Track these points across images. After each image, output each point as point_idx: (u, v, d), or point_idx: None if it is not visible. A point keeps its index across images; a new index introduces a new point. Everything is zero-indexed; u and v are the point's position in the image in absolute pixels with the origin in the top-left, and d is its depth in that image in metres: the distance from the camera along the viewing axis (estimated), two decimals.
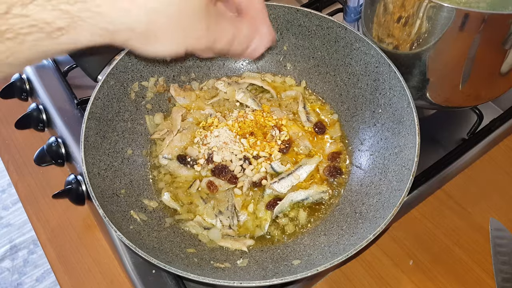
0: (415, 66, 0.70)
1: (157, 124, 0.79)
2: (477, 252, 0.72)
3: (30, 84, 0.89)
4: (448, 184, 0.79)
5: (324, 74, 0.82)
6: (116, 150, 0.72)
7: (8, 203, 1.93)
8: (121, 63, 0.74)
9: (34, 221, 0.78)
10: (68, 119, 0.83)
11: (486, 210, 0.76)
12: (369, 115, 0.76)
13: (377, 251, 0.73)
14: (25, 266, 1.77)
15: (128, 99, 0.76)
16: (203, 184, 0.73)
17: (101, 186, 0.65)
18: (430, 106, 0.79)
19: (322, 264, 0.57)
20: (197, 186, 0.73)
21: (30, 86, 0.89)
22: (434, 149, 0.80)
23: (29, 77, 0.89)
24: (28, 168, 0.84)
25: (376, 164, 0.72)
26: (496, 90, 0.74)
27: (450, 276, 0.70)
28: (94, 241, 0.75)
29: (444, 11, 0.60)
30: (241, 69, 0.86)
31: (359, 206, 0.69)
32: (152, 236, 0.65)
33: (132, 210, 0.67)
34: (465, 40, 0.63)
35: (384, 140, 0.73)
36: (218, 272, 0.62)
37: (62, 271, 0.73)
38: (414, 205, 0.76)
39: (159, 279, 0.68)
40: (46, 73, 0.89)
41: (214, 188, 0.73)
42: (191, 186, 0.73)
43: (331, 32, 0.77)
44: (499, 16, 0.59)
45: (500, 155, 0.82)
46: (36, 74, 0.89)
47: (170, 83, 0.81)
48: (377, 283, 0.70)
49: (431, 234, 0.74)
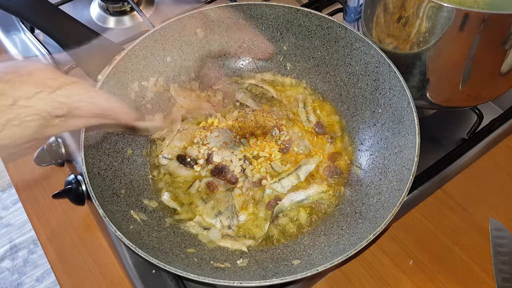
0: (415, 66, 0.70)
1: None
2: (477, 252, 0.72)
3: None
4: (448, 184, 0.79)
5: (324, 74, 0.82)
6: (116, 150, 0.72)
7: (8, 203, 1.93)
8: (121, 63, 0.74)
9: (34, 221, 0.78)
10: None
11: (486, 210, 0.76)
12: (369, 115, 0.76)
13: (377, 251, 0.73)
14: (25, 266, 1.77)
15: (128, 99, 0.76)
16: (203, 184, 0.73)
17: (101, 186, 0.65)
18: (430, 106, 0.79)
19: (322, 264, 0.57)
20: (196, 187, 0.73)
21: None
22: (434, 149, 0.80)
23: None
24: (28, 168, 0.84)
25: (376, 164, 0.72)
26: (496, 90, 0.74)
27: (450, 276, 0.70)
28: (94, 241, 0.75)
29: (444, 11, 0.60)
30: (241, 69, 0.85)
31: (359, 206, 0.69)
32: (152, 236, 0.65)
33: (132, 210, 0.67)
34: (465, 40, 0.63)
35: (384, 140, 0.73)
36: (218, 272, 0.62)
37: (62, 271, 0.73)
38: (414, 205, 0.76)
39: (159, 279, 0.68)
40: None
41: (214, 188, 0.73)
42: (191, 186, 0.73)
43: (331, 32, 0.77)
44: (499, 16, 0.59)
45: (500, 155, 0.82)
46: None
47: (170, 83, 0.81)
48: (377, 283, 0.70)
49: (431, 234, 0.74)
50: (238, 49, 0.84)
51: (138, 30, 0.95)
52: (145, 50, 0.76)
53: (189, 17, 0.78)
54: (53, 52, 0.89)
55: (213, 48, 0.83)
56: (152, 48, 0.77)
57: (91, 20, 1.00)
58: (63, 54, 0.79)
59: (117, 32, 0.99)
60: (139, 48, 0.75)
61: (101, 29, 0.97)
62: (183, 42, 0.80)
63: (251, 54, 0.84)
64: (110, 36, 0.80)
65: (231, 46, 0.84)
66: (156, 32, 0.77)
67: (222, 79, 0.84)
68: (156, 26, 0.78)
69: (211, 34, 0.82)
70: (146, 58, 0.77)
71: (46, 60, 0.89)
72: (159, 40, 0.77)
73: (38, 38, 0.92)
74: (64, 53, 0.78)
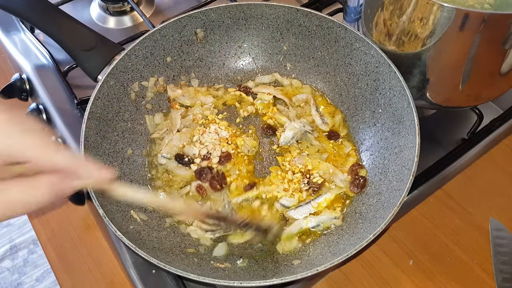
0: (415, 66, 0.70)
1: (157, 124, 0.79)
2: (477, 252, 0.72)
3: (30, 84, 0.89)
4: (448, 184, 0.79)
5: (324, 74, 0.82)
6: (116, 150, 0.72)
7: None
8: (121, 63, 0.74)
9: (34, 221, 0.78)
10: (68, 119, 0.83)
11: (486, 210, 0.76)
12: (369, 115, 0.76)
13: (377, 251, 0.73)
14: (25, 266, 1.77)
15: (128, 99, 0.76)
16: (193, 188, 0.72)
17: None
18: (430, 106, 0.79)
19: (322, 264, 0.57)
20: (187, 191, 0.73)
21: (30, 86, 0.89)
22: (434, 149, 0.80)
23: (29, 77, 0.89)
24: None
25: (376, 164, 0.72)
26: (496, 90, 0.74)
27: (450, 276, 0.70)
28: (94, 241, 0.75)
29: (444, 11, 0.60)
30: (241, 69, 0.85)
31: (359, 206, 0.69)
32: (152, 236, 0.65)
33: (132, 210, 0.67)
34: (465, 40, 0.63)
35: (384, 140, 0.73)
36: (218, 272, 0.62)
37: (62, 271, 0.73)
38: (414, 205, 0.76)
39: (159, 279, 0.68)
40: (46, 73, 0.89)
41: (204, 192, 0.72)
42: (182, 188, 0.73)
43: (331, 32, 0.77)
44: (499, 16, 0.59)
45: (500, 155, 0.82)
46: (36, 74, 0.89)
47: (170, 83, 0.81)
48: (377, 283, 0.70)
49: (431, 234, 0.74)
50: (238, 49, 0.84)
51: (138, 30, 0.96)
52: (145, 50, 0.76)
53: (189, 17, 0.78)
54: (53, 52, 0.89)
55: (213, 48, 0.83)
56: (152, 48, 0.77)
57: (91, 20, 1.00)
58: (63, 54, 0.79)
59: (117, 32, 0.99)
60: (139, 48, 0.75)
61: (101, 29, 0.96)
62: (183, 42, 0.80)
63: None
64: (110, 36, 0.80)
65: (231, 46, 0.84)
66: (156, 32, 0.77)
67: (231, 89, 0.83)
68: (156, 26, 0.78)
69: (211, 34, 0.82)
70: (146, 58, 0.77)
71: (46, 60, 0.89)
72: (159, 40, 0.77)
73: (38, 38, 0.92)
74: (64, 53, 0.78)
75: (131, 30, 0.99)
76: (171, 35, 0.78)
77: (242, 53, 0.85)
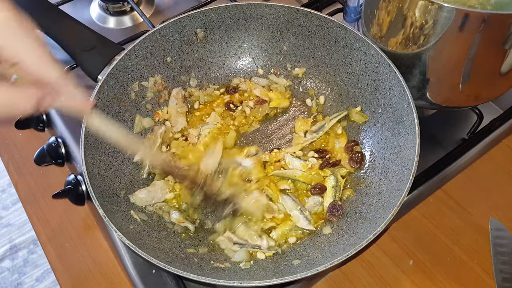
0: (415, 66, 0.70)
1: (145, 127, 0.77)
2: (477, 252, 0.72)
3: None
4: (448, 184, 0.79)
5: (324, 74, 0.82)
6: (116, 150, 0.72)
7: (8, 203, 1.93)
8: (121, 63, 0.74)
9: (34, 221, 0.78)
10: (68, 119, 0.83)
11: (486, 210, 0.76)
12: (369, 115, 0.76)
13: (377, 251, 0.73)
14: (25, 266, 1.77)
15: (128, 99, 0.76)
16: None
17: (101, 186, 0.65)
18: (430, 106, 0.79)
19: (322, 264, 0.57)
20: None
21: None
22: (434, 149, 0.80)
23: None
24: (28, 168, 0.84)
25: (376, 164, 0.72)
26: (496, 90, 0.74)
27: (450, 276, 0.70)
28: (94, 241, 0.75)
29: (444, 11, 0.60)
30: (241, 69, 0.85)
31: (359, 206, 0.69)
32: (152, 236, 0.65)
33: (132, 210, 0.67)
34: (465, 40, 0.63)
35: (384, 140, 0.73)
36: (218, 272, 0.62)
37: (62, 271, 0.73)
38: (414, 205, 0.76)
39: (159, 279, 0.68)
40: None
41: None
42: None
43: (331, 32, 0.77)
44: (499, 16, 0.59)
45: (500, 155, 0.82)
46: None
47: (170, 83, 0.81)
48: (377, 283, 0.70)
49: (431, 234, 0.74)
50: (238, 49, 0.84)
51: (138, 30, 0.96)
52: (145, 50, 0.76)
53: (189, 17, 0.78)
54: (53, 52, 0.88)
55: (213, 48, 0.83)
56: (152, 48, 0.77)
57: (91, 20, 1.00)
58: (63, 54, 0.79)
59: (117, 32, 0.99)
60: (139, 48, 0.75)
61: (101, 29, 0.96)
62: (183, 42, 0.80)
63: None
64: (110, 36, 0.80)
65: (231, 46, 0.84)
66: (156, 32, 0.77)
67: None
68: (156, 26, 0.78)
69: (211, 34, 0.82)
70: (146, 58, 0.77)
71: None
72: (159, 40, 0.77)
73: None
74: (64, 53, 0.78)
75: (131, 30, 0.99)
76: (171, 35, 0.78)
77: (242, 53, 0.85)
